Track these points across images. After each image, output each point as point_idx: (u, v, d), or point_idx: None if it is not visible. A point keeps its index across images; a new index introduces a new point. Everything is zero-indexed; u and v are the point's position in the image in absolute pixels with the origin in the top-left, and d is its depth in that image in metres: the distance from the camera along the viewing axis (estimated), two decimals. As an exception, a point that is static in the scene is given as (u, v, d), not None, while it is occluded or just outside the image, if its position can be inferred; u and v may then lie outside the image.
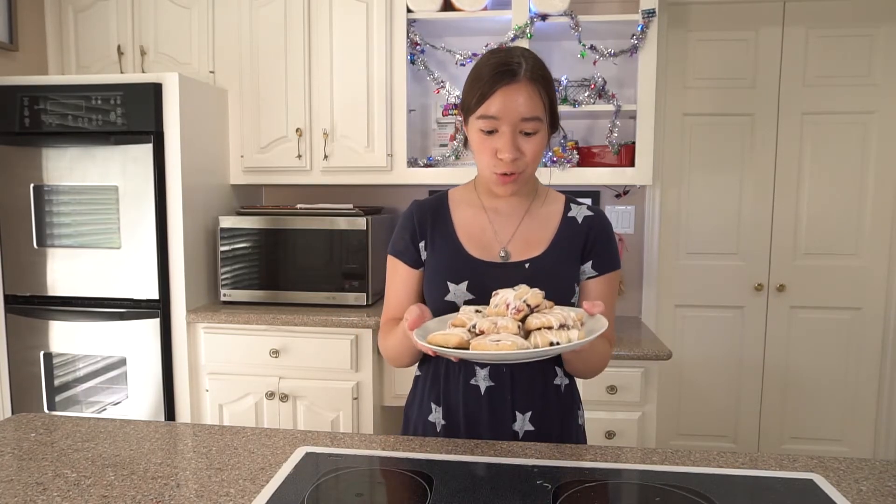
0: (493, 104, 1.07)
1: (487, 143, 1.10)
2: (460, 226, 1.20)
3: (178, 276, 2.32)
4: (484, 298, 1.12)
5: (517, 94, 1.06)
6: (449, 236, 1.19)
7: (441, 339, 0.93)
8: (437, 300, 1.15)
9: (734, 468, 0.99)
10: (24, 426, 1.17)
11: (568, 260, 1.16)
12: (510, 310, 0.95)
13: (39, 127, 2.29)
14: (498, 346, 0.88)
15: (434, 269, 1.18)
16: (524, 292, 0.97)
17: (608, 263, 1.19)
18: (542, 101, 1.09)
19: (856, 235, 2.76)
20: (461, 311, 1.02)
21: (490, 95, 1.07)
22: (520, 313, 0.95)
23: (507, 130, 1.07)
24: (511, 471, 0.95)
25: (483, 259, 1.16)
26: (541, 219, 1.20)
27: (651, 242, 2.73)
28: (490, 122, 1.08)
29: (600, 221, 1.20)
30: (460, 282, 1.14)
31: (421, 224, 1.21)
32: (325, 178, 2.56)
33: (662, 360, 2.12)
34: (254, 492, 0.90)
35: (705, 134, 2.79)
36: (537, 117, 1.08)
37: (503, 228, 1.19)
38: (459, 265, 1.15)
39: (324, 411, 2.32)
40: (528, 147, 1.09)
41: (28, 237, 2.35)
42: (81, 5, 2.64)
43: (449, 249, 1.18)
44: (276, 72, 2.52)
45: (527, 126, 1.08)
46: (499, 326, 0.93)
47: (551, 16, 2.37)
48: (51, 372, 2.39)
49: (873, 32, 2.66)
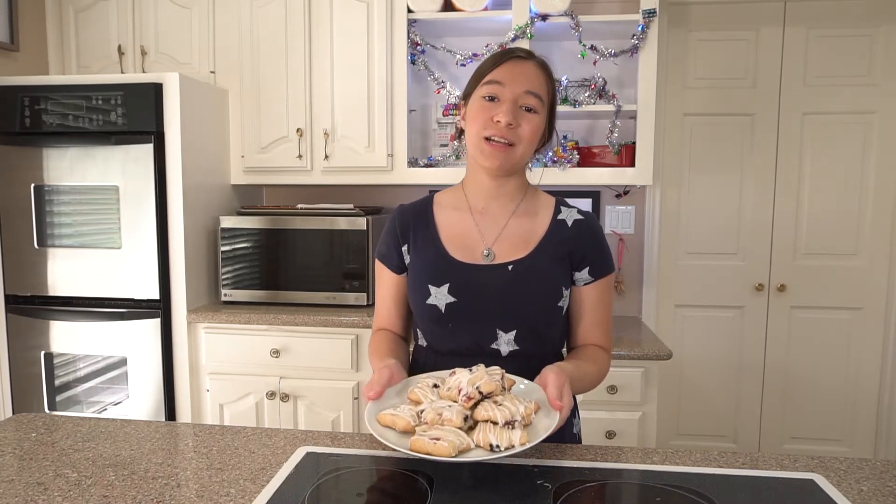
0: (499, 71, 1.09)
1: (485, 110, 1.09)
2: (444, 229, 1.18)
3: (178, 276, 2.32)
4: (466, 300, 1.11)
5: (524, 68, 1.10)
6: (431, 239, 1.17)
7: (389, 419, 0.94)
8: (419, 304, 1.15)
9: (734, 468, 0.99)
10: (25, 426, 1.17)
11: (555, 263, 1.13)
12: (461, 396, 0.93)
13: (40, 127, 2.29)
14: (435, 446, 0.86)
15: (416, 272, 1.17)
16: (478, 378, 0.95)
17: (603, 268, 1.17)
18: (546, 87, 1.11)
19: (856, 235, 2.76)
20: (418, 385, 1.00)
21: (500, 64, 1.10)
22: (470, 401, 0.93)
23: (509, 97, 1.08)
24: (511, 471, 0.95)
25: (465, 261, 1.14)
26: (528, 220, 1.17)
27: (651, 242, 2.73)
28: (494, 87, 1.09)
29: (591, 226, 1.18)
30: (441, 284, 1.12)
31: (403, 229, 1.20)
32: (325, 178, 2.56)
33: (663, 360, 2.12)
34: (254, 492, 0.90)
35: (705, 134, 2.78)
36: (539, 95, 1.09)
37: (489, 229, 1.16)
38: (441, 268, 1.14)
39: (324, 411, 2.32)
40: (525, 123, 1.09)
41: (29, 237, 2.35)
42: (82, 5, 2.64)
43: (431, 252, 1.16)
44: (277, 72, 2.53)
45: (529, 100, 1.08)
46: (444, 419, 0.91)
47: (552, 16, 2.37)
48: (51, 372, 2.39)
49: (873, 32, 2.66)
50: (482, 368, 0.99)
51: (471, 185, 1.20)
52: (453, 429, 0.89)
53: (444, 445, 0.86)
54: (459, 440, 0.88)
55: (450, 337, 1.14)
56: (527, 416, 0.91)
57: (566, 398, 0.93)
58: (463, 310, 1.12)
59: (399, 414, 0.94)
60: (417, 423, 0.93)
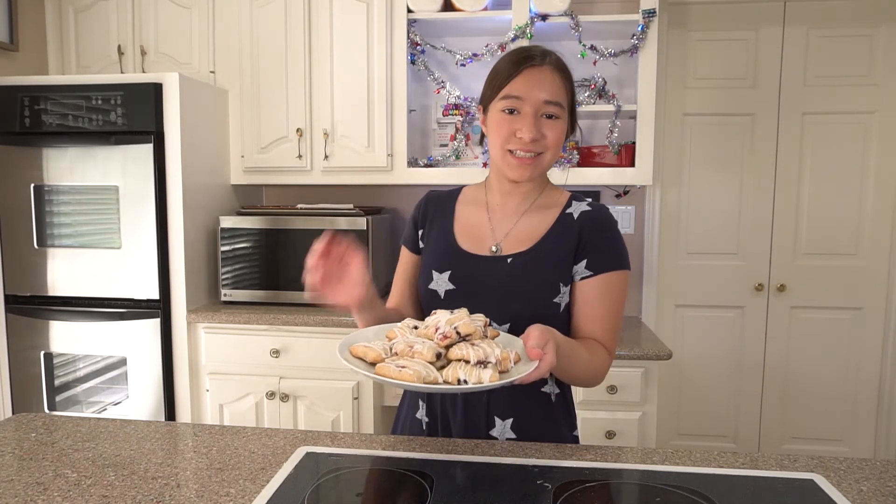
0: (516, 84, 1.07)
1: (506, 123, 1.08)
2: (460, 220, 1.21)
3: (178, 276, 2.32)
4: (464, 289, 1.13)
5: (542, 76, 1.08)
6: (445, 229, 1.20)
7: (361, 350, 0.93)
8: (423, 288, 1.18)
9: (734, 468, 0.99)
10: (25, 426, 1.17)
11: (555, 257, 1.11)
12: (437, 335, 0.92)
13: (40, 127, 2.29)
14: (399, 373, 0.85)
15: (426, 257, 1.21)
16: (457, 318, 0.93)
17: (604, 262, 1.10)
18: (565, 91, 1.10)
19: (856, 235, 2.75)
20: (398, 326, 1.00)
21: (515, 76, 1.08)
22: (446, 339, 0.91)
23: (529, 111, 1.07)
24: (511, 471, 0.95)
25: (471, 252, 1.16)
26: (539, 215, 1.17)
27: (651, 242, 2.73)
28: (512, 101, 1.08)
29: (597, 217, 1.13)
30: (444, 271, 1.15)
31: (424, 213, 1.25)
32: (325, 178, 2.56)
33: (663, 360, 2.12)
34: (254, 492, 0.90)
35: (705, 134, 2.78)
36: (560, 103, 1.08)
37: (500, 225, 1.18)
38: (447, 255, 1.17)
39: (324, 411, 2.32)
40: (550, 132, 1.08)
41: (28, 237, 2.35)
42: (81, 5, 2.64)
43: (442, 240, 1.19)
44: (277, 72, 2.52)
45: (550, 109, 1.07)
46: (414, 351, 0.89)
47: (551, 16, 2.37)
48: (51, 372, 2.39)
49: (873, 32, 2.66)
50: (464, 311, 0.96)
51: (494, 185, 1.21)
52: (422, 361, 0.88)
53: (409, 373, 0.85)
54: (426, 371, 0.86)
55: None
56: (503, 361, 0.88)
57: (549, 353, 0.89)
58: (460, 298, 1.12)
59: (370, 346, 0.93)
60: (389, 355, 0.92)
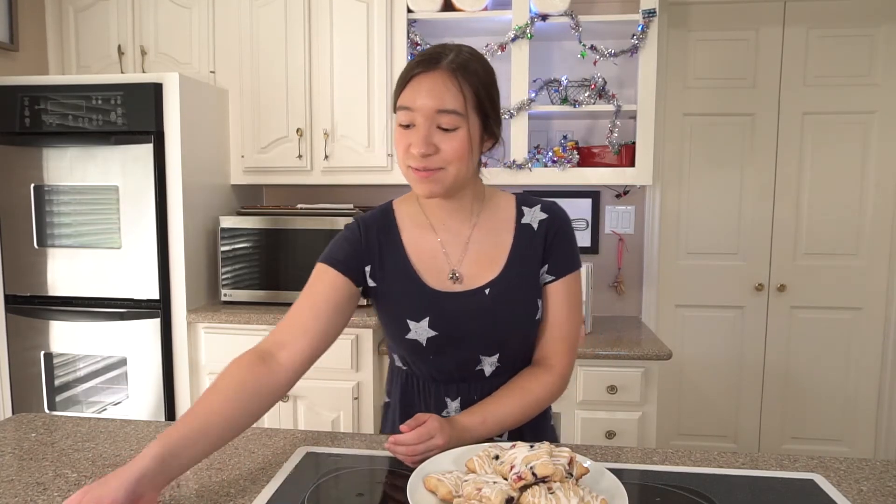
0: (406, 95, 0.98)
1: (403, 138, 0.99)
2: (412, 251, 1.09)
3: (178, 276, 2.32)
4: (448, 333, 1.05)
5: (432, 83, 0.96)
6: (402, 265, 1.08)
7: (434, 484, 0.84)
8: (398, 338, 1.08)
9: (734, 468, 0.99)
10: (25, 426, 1.17)
11: (528, 277, 1.07)
12: (511, 474, 0.81)
13: (40, 127, 2.29)
14: None
15: (390, 303, 1.08)
16: (535, 456, 0.82)
17: (565, 265, 1.09)
18: (462, 95, 0.97)
19: (856, 235, 2.75)
20: (478, 454, 0.89)
21: (406, 85, 0.99)
22: (520, 481, 0.80)
23: (421, 123, 0.97)
24: (511, 471, 0.95)
25: (440, 290, 1.06)
26: (492, 230, 1.09)
27: (651, 242, 2.73)
28: (405, 113, 0.98)
29: (555, 222, 1.09)
30: (421, 319, 1.05)
31: (367, 245, 1.09)
32: (325, 178, 2.56)
33: (663, 360, 2.12)
34: (254, 492, 0.90)
35: (705, 134, 2.78)
36: (454, 111, 0.96)
37: (452, 248, 1.08)
38: (417, 300, 1.06)
39: (324, 411, 2.32)
40: (446, 144, 0.97)
41: (28, 237, 2.35)
42: (81, 5, 2.64)
43: (403, 280, 1.07)
44: (277, 72, 2.52)
45: (442, 119, 0.96)
46: (482, 495, 0.79)
47: (552, 16, 2.37)
48: (51, 372, 2.39)
49: (873, 32, 2.66)
50: (546, 446, 0.85)
51: (426, 201, 1.10)
52: None
53: None
54: None
55: (432, 364, 1.10)
56: None
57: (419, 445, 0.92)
58: (445, 342, 1.06)
59: (444, 480, 0.84)
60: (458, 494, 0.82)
